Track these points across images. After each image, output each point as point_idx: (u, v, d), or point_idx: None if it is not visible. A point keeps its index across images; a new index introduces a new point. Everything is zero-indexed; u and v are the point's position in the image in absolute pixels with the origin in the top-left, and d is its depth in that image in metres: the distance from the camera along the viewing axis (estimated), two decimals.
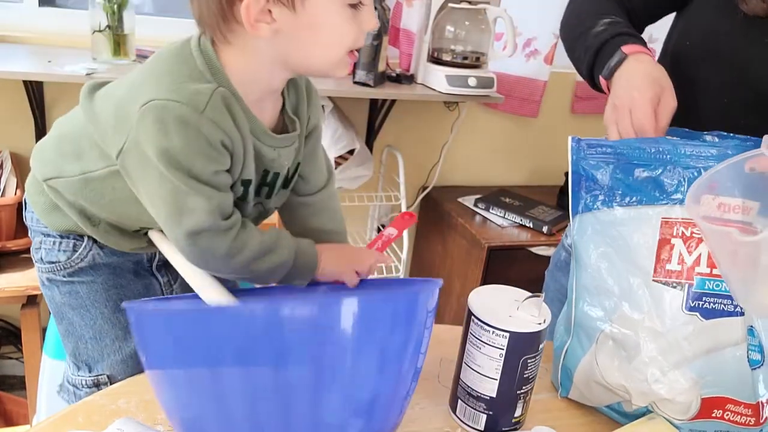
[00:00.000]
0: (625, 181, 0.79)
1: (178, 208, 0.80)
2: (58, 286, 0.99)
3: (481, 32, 1.94)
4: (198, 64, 0.79)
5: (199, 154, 0.77)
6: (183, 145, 0.76)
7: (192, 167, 0.78)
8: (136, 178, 0.82)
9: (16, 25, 1.82)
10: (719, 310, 0.75)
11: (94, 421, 0.73)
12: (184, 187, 0.79)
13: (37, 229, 0.99)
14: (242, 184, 0.87)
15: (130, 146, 0.80)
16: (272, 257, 0.87)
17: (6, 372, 2.04)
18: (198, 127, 0.76)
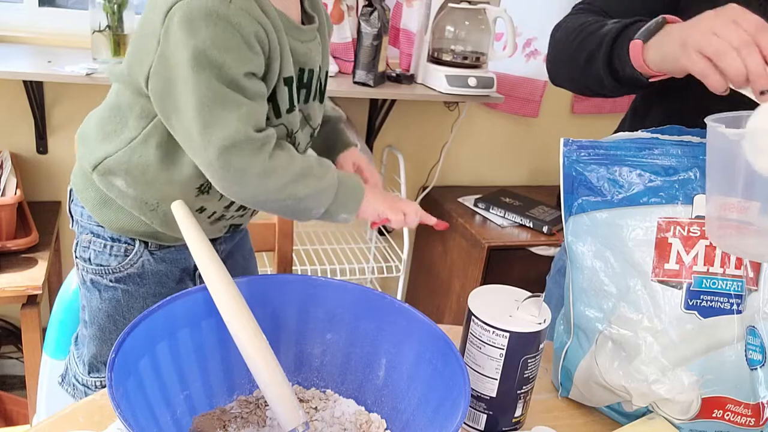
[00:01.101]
0: (620, 182, 0.79)
1: (206, 123, 0.76)
2: (100, 290, 0.98)
3: (481, 32, 1.94)
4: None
5: (231, 49, 0.74)
6: (213, 38, 0.73)
7: (223, 64, 0.74)
8: (165, 100, 0.79)
9: (16, 25, 1.82)
10: (717, 308, 0.75)
11: (95, 421, 0.73)
12: (212, 95, 0.75)
13: (87, 226, 0.96)
14: (285, 83, 0.83)
15: (158, 61, 0.77)
16: (313, 181, 0.83)
17: (6, 372, 2.04)
18: (228, 18, 0.73)
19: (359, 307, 0.77)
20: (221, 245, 1.06)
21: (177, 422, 0.69)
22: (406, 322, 0.74)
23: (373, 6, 1.81)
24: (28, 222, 1.64)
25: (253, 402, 0.76)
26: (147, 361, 0.66)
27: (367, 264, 2.23)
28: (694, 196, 0.76)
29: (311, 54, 0.88)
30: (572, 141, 0.82)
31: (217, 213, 0.96)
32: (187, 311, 0.71)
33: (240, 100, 0.77)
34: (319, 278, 0.79)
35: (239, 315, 0.69)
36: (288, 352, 0.79)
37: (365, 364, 0.78)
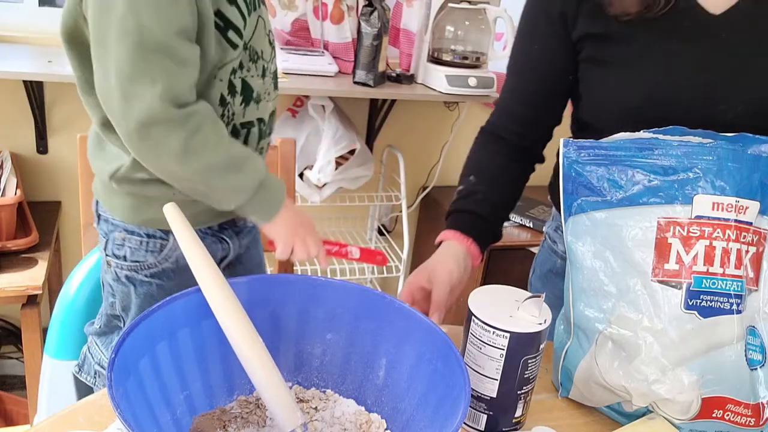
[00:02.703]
0: (619, 182, 0.79)
1: (126, 95, 0.76)
2: (135, 285, 0.99)
3: (481, 32, 1.94)
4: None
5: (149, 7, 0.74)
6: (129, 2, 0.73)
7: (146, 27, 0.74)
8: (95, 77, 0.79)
9: (16, 25, 1.82)
10: (717, 308, 0.75)
11: (95, 421, 0.73)
12: (133, 66, 0.74)
13: (118, 223, 0.97)
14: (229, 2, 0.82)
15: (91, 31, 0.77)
16: (232, 176, 0.83)
17: (6, 372, 2.04)
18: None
19: (359, 307, 0.77)
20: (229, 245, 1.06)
21: (177, 422, 0.69)
22: (406, 322, 0.75)
23: (373, 6, 1.81)
24: (28, 222, 1.64)
25: (253, 402, 0.76)
26: (147, 361, 0.66)
27: (367, 264, 2.23)
28: (694, 196, 0.76)
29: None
30: (572, 141, 0.82)
31: None
32: (187, 311, 0.71)
33: (166, 67, 0.76)
34: (319, 278, 0.79)
35: (234, 317, 0.69)
36: (288, 352, 0.79)
37: (365, 364, 0.78)
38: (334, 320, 0.78)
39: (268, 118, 0.99)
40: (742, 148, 0.77)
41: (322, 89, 1.83)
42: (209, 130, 0.82)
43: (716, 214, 0.76)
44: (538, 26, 0.97)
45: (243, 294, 0.72)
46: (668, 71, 0.88)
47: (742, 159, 0.77)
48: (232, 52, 0.86)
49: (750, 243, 0.77)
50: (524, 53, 1.01)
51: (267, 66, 0.96)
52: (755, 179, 0.77)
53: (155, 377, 0.67)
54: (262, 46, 0.93)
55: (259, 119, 0.97)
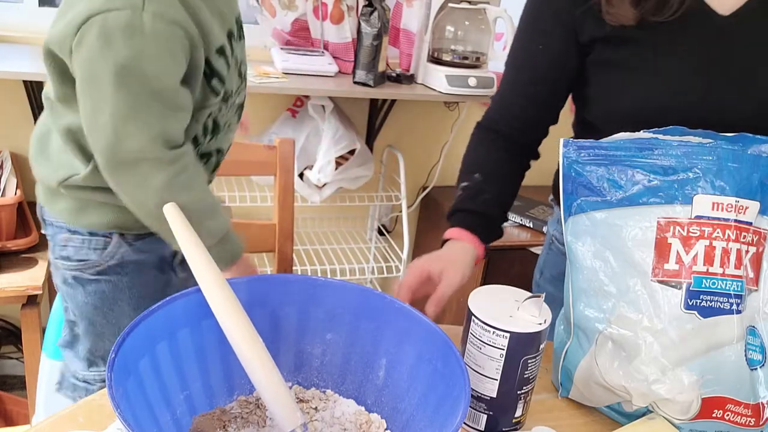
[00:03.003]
0: (619, 182, 0.79)
1: (119, 136, 0.77)
2: (83, 285, 0.99)
3: (481, 32, 1.94)
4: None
5: (153, 61, 0.75)
6: (133, 52, 0.74)
7: (146, 76, 0.75)
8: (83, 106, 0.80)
9: (16, 25, 1.82)
10: (717, 308, 0.75)
11: (95, 421, 0.73)
12: (129, 110, 0.76)
13: (61, 225, 0.97)
14: (218, 52, 0.84)
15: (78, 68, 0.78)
16: (202, 224, 0.84)
17: (6, 372, 2.04)
18: (142, 29, 0.74)
19: (359, 307, 0.77)
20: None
21: (177, 422, 0.69)
22: (406, 322, 0.74)
23: (373, 6, 1.81)
24: (28, 222, 1.64)
25: (253, 402, 0.76)
26: (147, 361, 0.66)
27: (367, 264, 2.23)
28: (694, 196, 0.76)
29: (232, 3, 0.89)
30: (572, 141, 0.82)
31: None
32: (187, 311, 0.71)
33: (161, 113, 0.78)
34: (319, 278, 0.79)
35: (234, 317, 0.69)
36: (288, 352, 0.79)
37: (365, 364, 0.78)
38: (334, 320, 0.78)
39: (226, 148, 1.02)
40: (742, 148, 0.77)
41: (322, 89, 1.83)
42: (193, 173, 0.85)
43: (716, 214, 0.76)
44: (542, 25, 0.96)
45: (243, 294, 0.72)
46: (684, 73, 0.88)
47: (742, 159, 0.77)
48: (213, 98, 0.89)
49: (750, 243, 0.77)
50: (525, 50, 1.00)
51: (235, 100, 0.98)
52: (755, 179, 0.77)
53: (155, 377, 0.67)
54: (234, 85, 0.96)
55: (218, 149, 0.99)
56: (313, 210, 2.16)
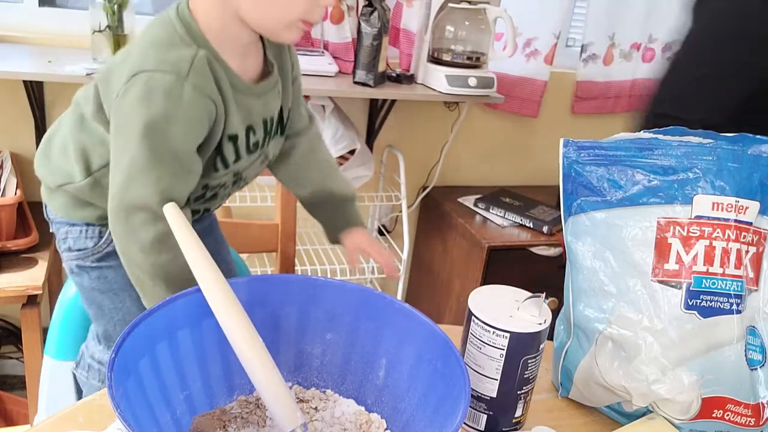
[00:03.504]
0: (619, 182, 0.79)
1: (131, 178, 0.83)
2: (87, 272, 1.03)
3: (481, 32, 1.94)
4: (178, 30, 0.84)
5: (179, 124, 0.81)
6: (165, 113, 0.80)
7: (169, 136, 0.81)
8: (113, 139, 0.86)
9: (16, 25, 1.82)
10: (717, 308, 0.75)
11: (95, 421, 0.73)
12: (146, 161, 0.82)
13: (61, 221, 1.03)
14: (230, 139, 0.90)
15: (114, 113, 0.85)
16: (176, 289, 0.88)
17: (6, 372, 2.04)
18: (181, 95, 0.80)
19: (359, 307, 0.77)
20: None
21: (177, 422, 0.69)
22: (406, 322, 0.74)
23: (373, 6, 1.81)
24: (28, 222, 1.64)
25: (253, 402, 0.76)
26: (147, 361, 0.66)
27: (367, 264, 2.23)
28: (694, 196, 0.76)
29: (269, 105, 0.95)
30: (572, 141, 0.82)
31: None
32: (187, 311, 0.71)
33: (173, 173, 0.84)
34: (320, 278, 0.79)
35: (234, 317, 0.69)
36: (288, 352, 0.79)
37: (365, 364, 0.78)
38: (334, 320, 0.78)
39: (215, 207, 1.07)
40: (742, 148, 0.77)
41: (322, 89, 1.83)
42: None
43: (716, 214, 0.76)
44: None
45: (243, 294, 0.72)
46: None
47: (742, 159, 0.77)
48: (213, 174, 0.94)
49: (750, 243, 0.77)
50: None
51: (244, 182, 1.04)
52: (755, 179, 0.77)
53: (155, 377, 0.67)
54: (250, 173, 1.02)
55: (205, 209, 1.04)
56: None
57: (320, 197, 1.13)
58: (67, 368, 1.21)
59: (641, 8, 2.23)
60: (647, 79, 2.38)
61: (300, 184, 1.13)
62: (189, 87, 0.81)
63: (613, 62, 2.29)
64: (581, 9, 2.31)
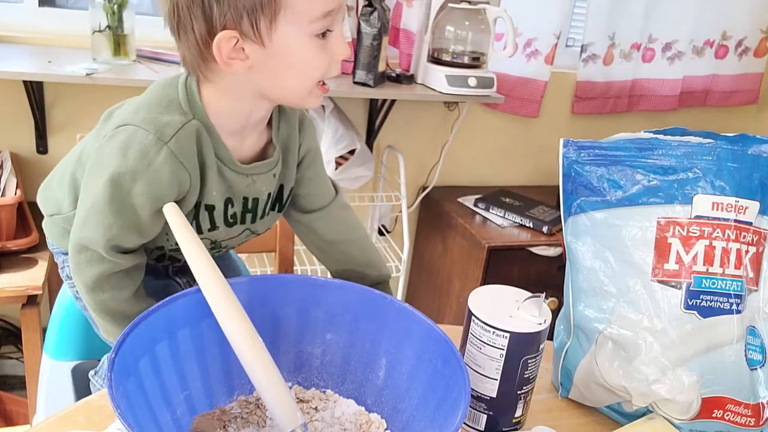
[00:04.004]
0: (619, 182, 0.79)
1: (86, 218, 0.85)
2: None
3: (481, 32, 1.94)
4: (180, 98, 0.84)
5: (145, 184, 0.82)
6: (135, 170, 0.81)
7: (131, 192, 0.82)
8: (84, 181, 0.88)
9: (16, 25, 1.82)
10: (717, 308, 0.75)
11: (95, 421, 0.74)
12: (104, 206, 0.83)
13: (58, 250, 1.04)
14: (206, 209, 0.90)
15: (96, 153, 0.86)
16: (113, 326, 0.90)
17: (6, 372, 2.04)
18: (155, 157, 0.81)
19: (359, 307, 0.77)
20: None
21: (177, 422, 0.69)
22: (406, 322, 0.74)
23: (373, 6, 1.81)
24: (28, 222, 1.64)
25: (253, 402, 0.76)
26: (147, 361, 0.66)
27: None
28: (694, 196, 0.76)
29: (255, 185, 0.93)
30: (571, 141, 0.82)
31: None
32: (187, 311, 0.71)
33: (126, 226, 0.84)
34: (319, 278, 0.79)
35: (234, 317, 0.69)
36: (288, 352, 0.79)
37: (365, 364, 0.78)
38: (334, 320, 0.78)
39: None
40: (742, 148, 0.77)
41: None
42: (127, 277, 0.89)
43: (716, 214, 0.76)
44: None
45: (243, 294, 0.72)
46: None
47: (742, 159, 0.77)
48: None
49: (750, 243, 0.77)
50: None
51: (226, 249, 1.02)
52: (755, 179, 0.77)
53: (155, 377, 0.67)
54: (232, 243, 1.00)
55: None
56: None
57: (351, 277, 1.07)
58: (67, 368, 1.21)
59: (641, 8, 2.23)
60: (647, 79, 2.38)
61: (330, 264, 1.09)
62: (166, 152, 0.81)
63: (613, 62, 2.29)
64: (581, 9, 2.31)
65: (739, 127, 2.50)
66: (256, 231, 1.00)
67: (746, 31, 2.42)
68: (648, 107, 2.42)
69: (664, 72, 2.36)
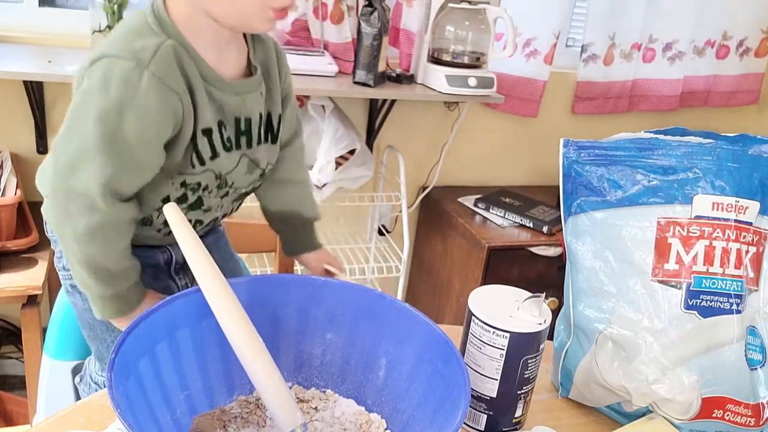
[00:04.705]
0: (619, 182, 0.79)
1: (75, 164, 0.82)
2: (80, 292, 1.00)
3: (481, 32, 1.94)
4: (149, 21, 0.83)
5: (132, 110, 0.79)
6: (119, 100, 0.79)
7: (121, 127, 0.79)
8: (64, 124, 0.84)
9: (16, 25, 1.81)
10: (717, 308, 0.75)
11: (94, 421, 0.74)
12: (95, 148, 0.80)
13: (56, 237, 1.01)
14: (204, 134, 0.88)
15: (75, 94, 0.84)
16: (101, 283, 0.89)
17: (6, 372, 2.04)
18: (138, 83, 0.79)
19: (359, 307, 0.77)
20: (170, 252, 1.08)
21: (177, 422, 0.69)
22: (406, 322, 0.74)
23: (373, 6, 1.81)
24: (28, 222, 1.64)
25: (253, 402, 0.76)
26: (147, 361, 0.66)
27: (367, 264, 2.23)
28: (694, 196, 0.76)
29: (246, 104, 0.92)
30: (572, 141, 0.82)
31: (165, 230, 0.98)
32: (187, 311, 0.71)
33: (123, 163, 0.82)
34: (319, 278, 0.79)
35: (234, 317, 0.69)
36: (288, 352, 0.79)
37: (365, 364, 0.78)
38: (334, 320, 0.78)
39: (209, 221, 1.02)
40: (742, 148, 0.77)
41: (322, 89, 1.83)
42: (118, 231, 0.87)
43: (716, 214, 0.76)
44: None
45: (243, 294, 0.72)
46: None
47: (742, 159, 0.77)
48: (190, 169, 0.91)
49: (750, 243, 0.77)
50: None
51: (234, 192, 1.00)
52: (755, 179, 0.77)
53: (155, 377, 0.67)
54: (238, 181, 0.98)
55: (197, 220, 1.00)
56: None
57: (289, 217, 1.12)
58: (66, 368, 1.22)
59: (641, 8, 2.23)
60: (648, 80, 2.38)
61: (273, 201, 1.11)
62: (148, 75, 0.79)
63: (614, 62, 2.29)
64: (581, 9, 2.30)
65: (739, 128, 2.50)
66: (256, 161, 0.98)
67: (747, 31, 2.42)
68: (648, 107, 2.42)
69: (665, 72, 2.36)
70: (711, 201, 0.76)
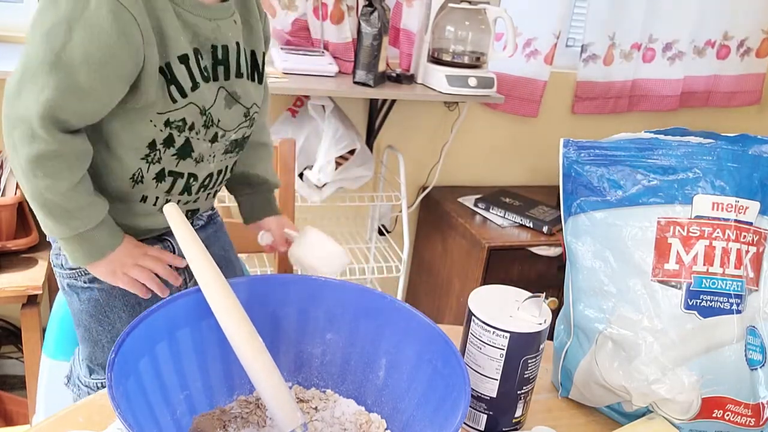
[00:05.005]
0: (619, 182, 0.79)
1: (20, 86, 0.79)
2: (77, 292, 0.99)
3: (481, 32, 1.94)
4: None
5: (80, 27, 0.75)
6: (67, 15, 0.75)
7: (66, 44, 0.75)
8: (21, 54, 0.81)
9: (16, 25, 1.81)
10: (717, 308, 0.75)
11: (94, 421, 0.73)
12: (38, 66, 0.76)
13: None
14: (180, 61, 0.85)
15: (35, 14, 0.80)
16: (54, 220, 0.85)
17: (6, 372, 2.04)
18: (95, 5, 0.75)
19: (359, 307, 0.77)
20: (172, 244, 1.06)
21: (177, 422, 0.69)
22: (406, 322, 0.74)
23: (373, 6, 1.81)
24: (28, 222, 1.64)
25: (253, 402, 0.76)
26: (147, 361, 0.66)
27: (367, 264, 2.23)
28: (694, 196, 0.76)
29: (221, 30, 0.89)
30: (572, 141, 0.82)
31: (161, 199, 0.96)
32: (187, 311, 0.71)
33: (66, 85, 0.77)
34: (319, 278, 0.79)
35: (234, 317, 0.69)
36: (288, 352, 0.79)
37: (365, 364, 0.78)
38: (334, 320, 0.78)
39: (203, 177, 0.98)
40: (742, 148, 0.77)
41: (322, 89, 1.83)
42: (67, 164, 0.83)
43: (716, 214, 0.76)
44: None
45: (243, 294, 0.72)
46: None
47: (742, 159, 0.77)
48: (171, 105, 0.87)
49: (750, 243, 0.77)
50: None
51: (224, 134, 0.95)
52: (755, 179, 0.77)
53: (155, 377, 0.67)
54: (223, 118, 0.93)
55: (190, 174, 0.96)
56: (313, 210, 2.16)
57: (254, 179, 1.11)
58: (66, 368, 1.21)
59: (641, 8, 2.23)
60: (648, 80, 2.38)
61: (239, 161, 1.07)
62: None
63: (614, 62, 2.29)
64: (581, 9, 2.30)
65: (740, 128, 2.50)
66: (235, 95, 0.94)
67: (748, 31, 2.42)
68: (648, 107, 2.42)
69: (665, 72, 2.36)
70: (711, 201, 0.76)
